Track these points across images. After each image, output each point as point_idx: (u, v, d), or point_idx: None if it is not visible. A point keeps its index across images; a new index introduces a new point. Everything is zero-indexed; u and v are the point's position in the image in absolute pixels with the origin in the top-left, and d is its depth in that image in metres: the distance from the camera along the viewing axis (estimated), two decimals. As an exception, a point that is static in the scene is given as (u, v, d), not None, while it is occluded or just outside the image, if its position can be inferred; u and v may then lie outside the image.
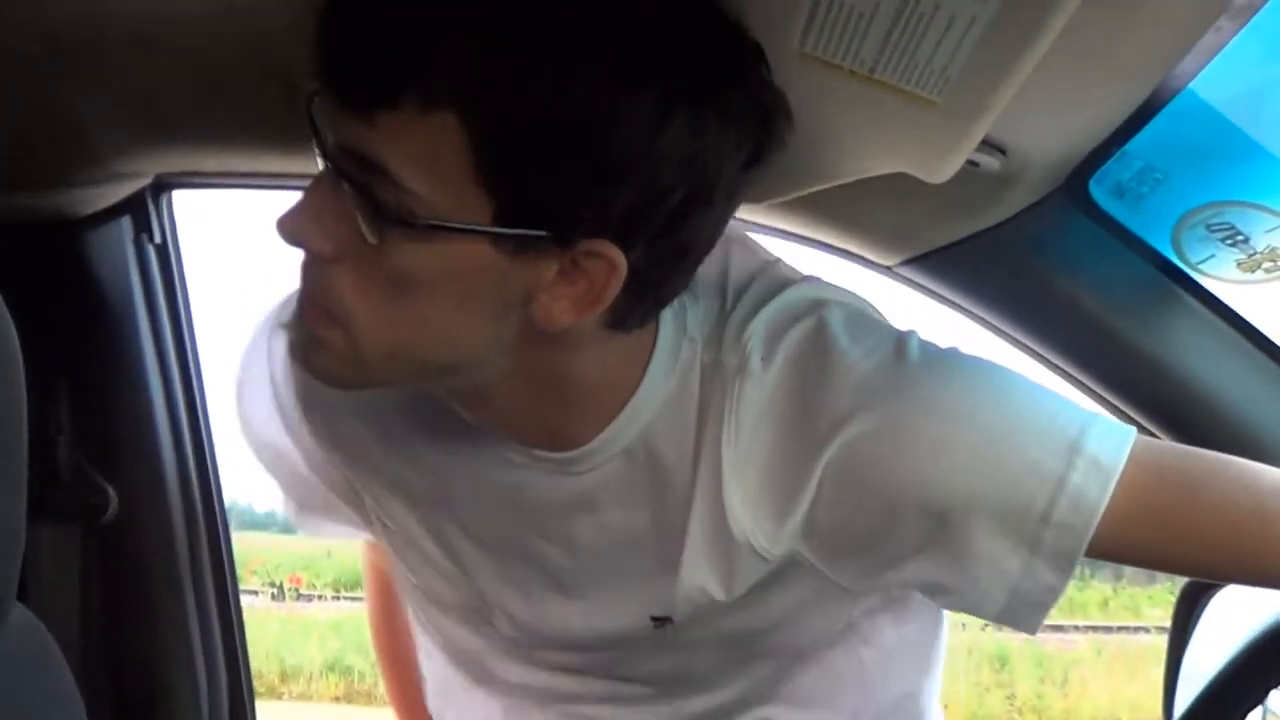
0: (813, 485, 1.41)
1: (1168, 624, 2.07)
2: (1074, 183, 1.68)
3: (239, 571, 2.44)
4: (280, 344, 1.69)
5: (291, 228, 1.26)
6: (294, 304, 1.43)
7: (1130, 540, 1.39)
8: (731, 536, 1.47)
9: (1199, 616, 1.95)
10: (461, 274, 1.25)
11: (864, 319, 1.49)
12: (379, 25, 1.16)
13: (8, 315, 1.13)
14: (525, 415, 1.46)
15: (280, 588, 17.70)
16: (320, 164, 1.27)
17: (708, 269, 1.44)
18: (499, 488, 1.57)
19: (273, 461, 1.90)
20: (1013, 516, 1.38)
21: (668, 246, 1.27)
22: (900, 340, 1.45)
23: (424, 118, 1.16)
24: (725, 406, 1.44)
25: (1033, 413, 1.41)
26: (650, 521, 1.52)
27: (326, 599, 17.86)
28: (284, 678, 14.87)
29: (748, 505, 1.45)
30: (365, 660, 14.23)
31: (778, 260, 1.57)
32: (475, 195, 1.19)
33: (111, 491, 2.22)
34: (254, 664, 2.47)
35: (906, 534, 1.42)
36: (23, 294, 1.21)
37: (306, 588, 18.26)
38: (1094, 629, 16.77)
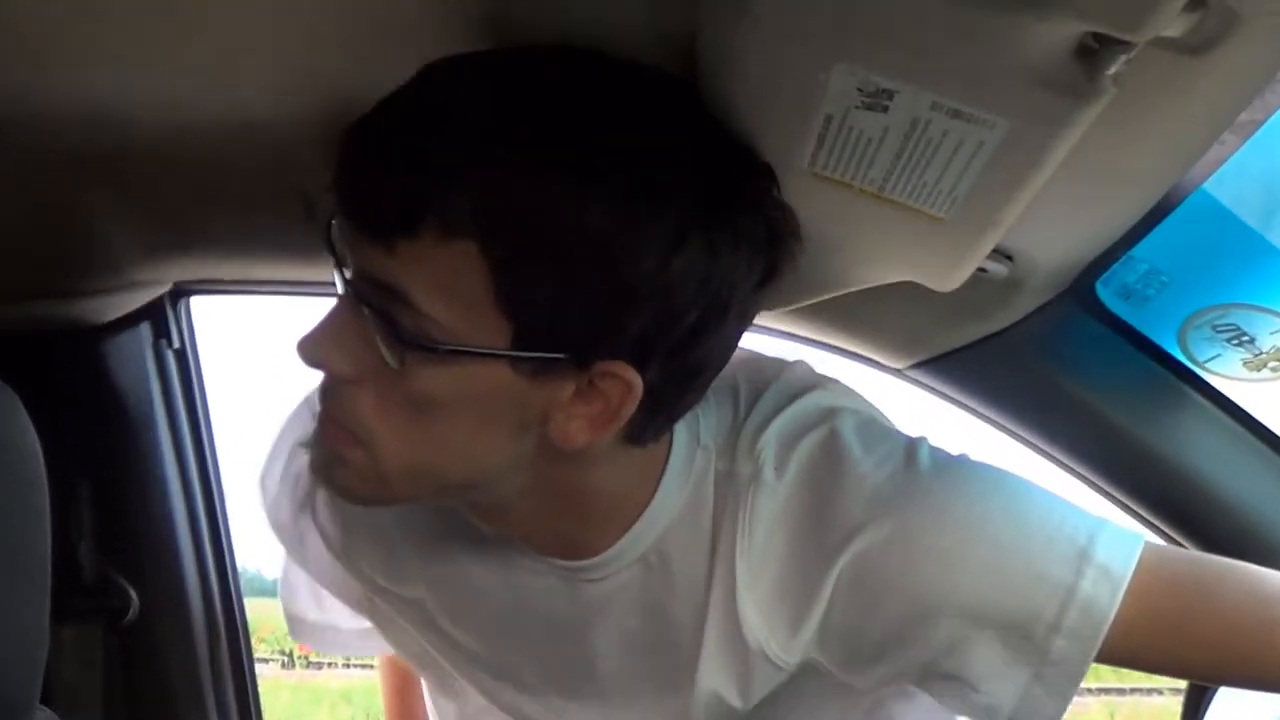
0: (826, 594, 1.42)
1: (1182, 685, 2.07)
2: (1081, 285, 1.69)
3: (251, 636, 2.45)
4: (300, 452, 1.70)
5: (312, 350, 1.27)
6: (313, 409, 1.45)
7: (1136, 645, 1.39)
8: (746, 645, 1.48)
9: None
10: (481, 396, 1.26)
11: (875, 427, 1.50)
12: (397, 156, 1.18)
13: (29, 422, 1.15)
14: (542, 527, 1.47)
15: (290, 655, 17.51)
16: (339, 286, 1.28)
17: (721, 377, 1.45)
18: (516, 596, 1.58)
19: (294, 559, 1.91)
20: (1023, 625, 1.38)
21: (682, 365, 1.28)
22: (911, 448, 1.46)
23: (444, 245, 1.17)
24: (739, 516, 1.45)
25: (1042, 521, 1.41)
26: (666, 630, 1.52)
27: (337, 666, 17.68)
28: (295, 746, 14.78)
29: (761, 614, 1.46)
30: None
31: (790, 366, 1.57)
32: (494, 319, 1.20)
33: (133, 593, 2.23)
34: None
35: (919, 641, 1.42)
36: (45, 400, 1.24)
37: (317, 655, 18.10)
38: (1106, 691, 16.60)
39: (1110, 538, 1.40)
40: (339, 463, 1.34)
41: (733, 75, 1.13)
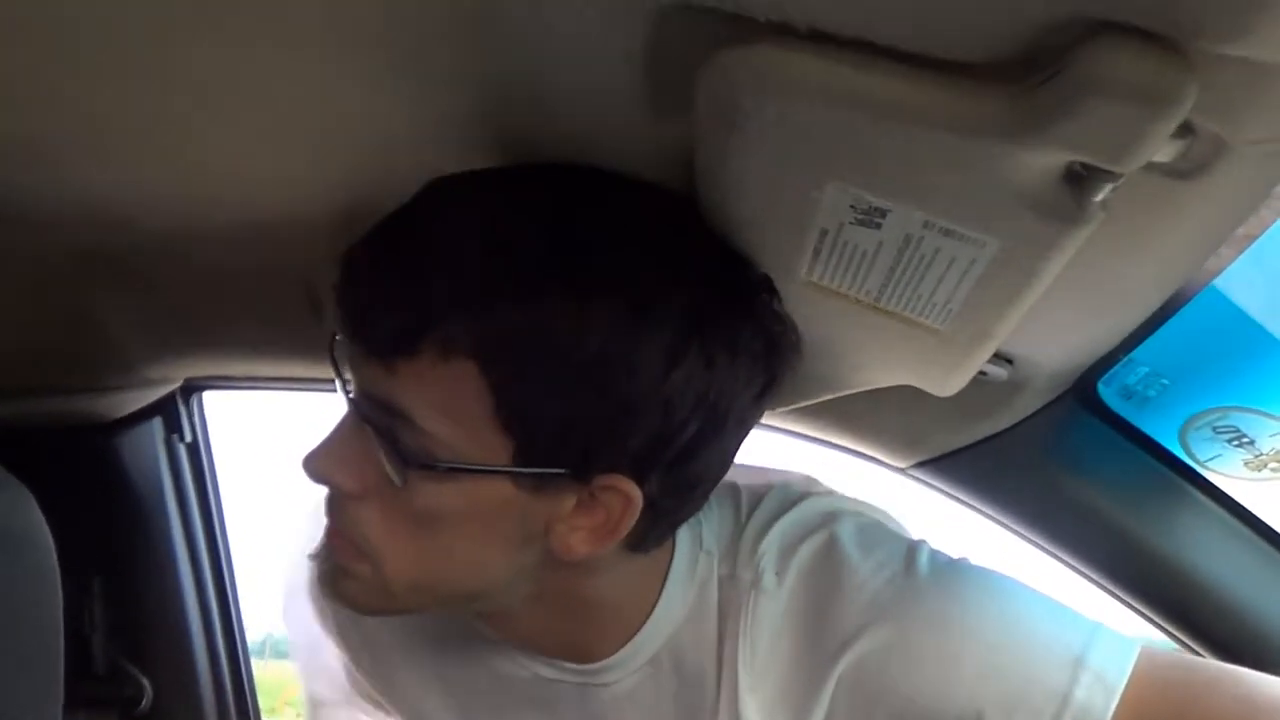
0: (826, 698, 1.43)
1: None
2: (1082, 386, 1.70)
3: (272, 703, 2.46)
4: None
5: (317, 467, 1.28)
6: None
7: None
8: None
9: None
10: (484, 511, 1.27)
11: (875, 531, 1.50)
12: (396, 280, 1.19)
13: (42, 516, 1.16)
14: (548, 632, 1.47)
15: None
16: (343, 401, 1.29)
17: (722, 481, 1.47)
18: (526, 702, 1.58)
19: (311, 665, 1.90)
20: None
21: (682, 477, 1.28)
22: (910, 553, 1.46)
23: (443, 365, 1.18)
24: (741, 622, 1.45)
25: (1038, 627, 1.42)
26: None
27: (363, 731, 17.52)
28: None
29: (763, 717, 1.46)
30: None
31: (789, 471, 1.59)
32: (495, 436, 1.21)
33: (146, 683, 2.24)
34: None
35: None
36: (57, 494, 1.25)
37: (343, 720, 17.90)
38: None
39: (1106, 645, 1.40)
40: (345, 576, 1.34)
41: (729, 189, 1.14)
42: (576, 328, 1.17)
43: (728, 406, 1.26)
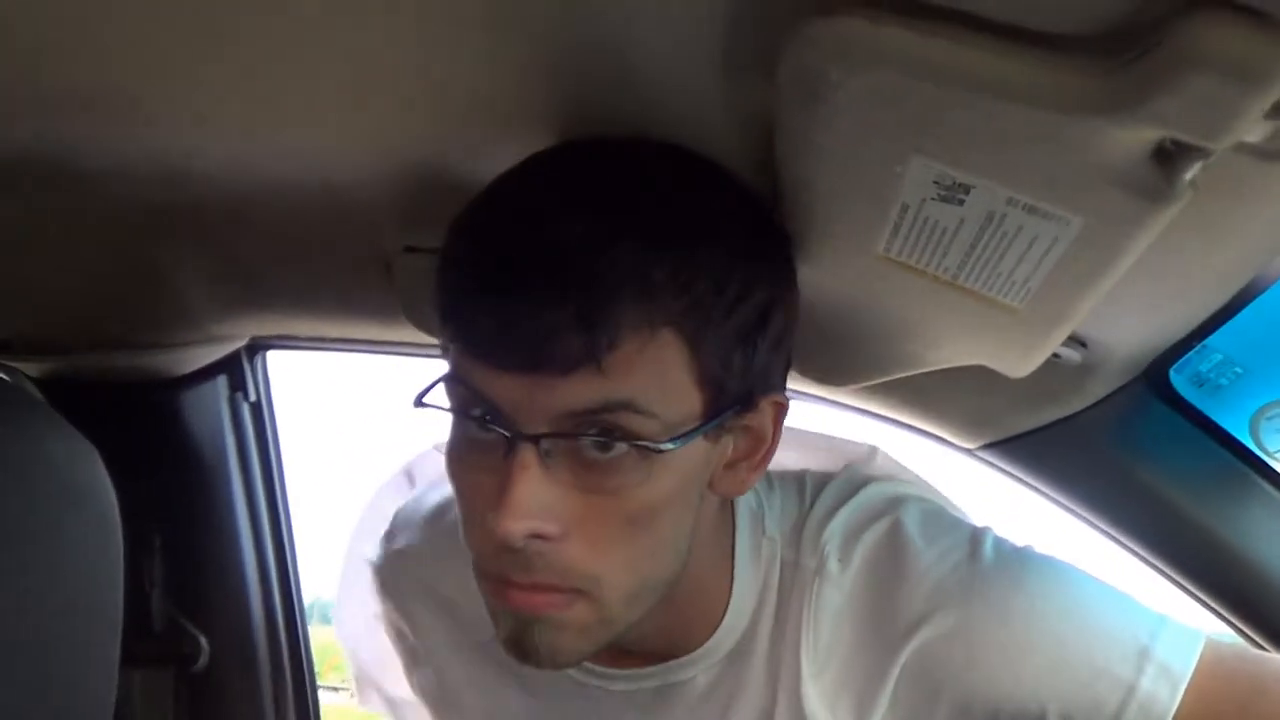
0: (889, 686, 1.43)
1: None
2: (1154, 372, 1.68)
3: (319, 668, 2.46)
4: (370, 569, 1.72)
5: (523, 526, 1.19)
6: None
7: None
8: None
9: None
10: (685, 481, 1.26)
11: (940, 517, 1.50)
12: (575, 284, 1.15)
13: (105, 473, 1.16)
14: (653, 624, 1.41)
15: None
16: (505, 448, 1.21)
17: (787, 468, 1.48)
18: (585, 698, 1.58)
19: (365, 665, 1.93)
20: (1083, 717, 1.38)
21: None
22: (975, 540, 1.46)
23: (651, 342, 1.16)
24: (804, 608, 1.46)
25: (1104, 617, 1.42)
26: None
27: (409, 699, 17.51)
28: (362, 778, 14.61)
29: (826, 705, 1.46)
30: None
31: (856, 456, 1.60)
32: (693, 398, 1.21)
33: (203, 641, 2.25)
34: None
35: None
36: (122, 450, 1.25)
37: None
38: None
39: (1171, 635, 1.40)
40: (553, 629, 1.27)
41: (810, 161, 1.13)
42: (745, 277, 1.20)
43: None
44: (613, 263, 1.14)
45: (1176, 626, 1.42)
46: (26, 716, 1.07)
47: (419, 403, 1.27)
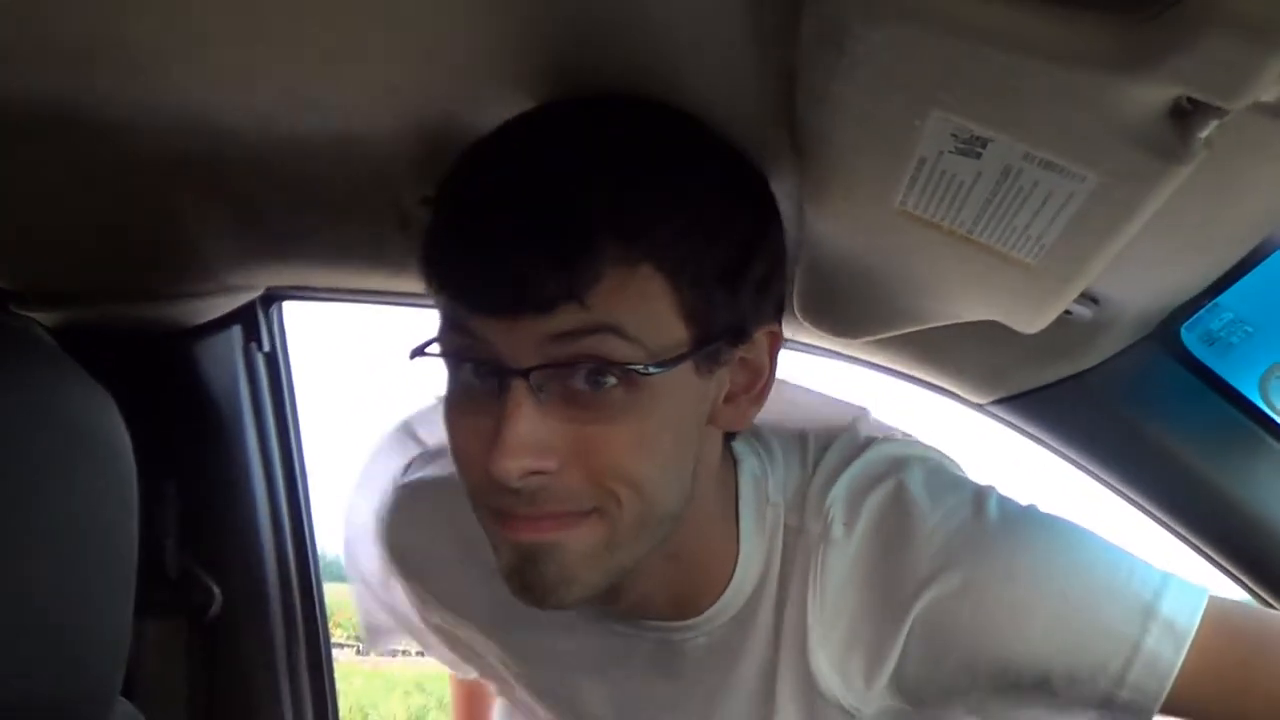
0: (899, 646, 1.44)
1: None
2: (1165, 329, 1.69)
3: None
4: (375, 505, 1.74)
5: (519, 465, 1.22)
6: (405, 447, 1.50)
7: (1199, 699, 1.40)
8: (821, 697, 1.49)
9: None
10: (680, 410, 1.28)
11: (943, 477, 1.51)
12: (557, 223, 1.19)
13: (121, 421, 1.17)
14: (662, 586, 1.47)
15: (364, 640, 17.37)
16: (485, 389, 1.26)
17: (789, 430, 1.51)
18: (597, 659, 1.60)
19: (372, 598, 1.92)
20: (1087, 675, 1.40)
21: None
22: (979, 499, 1.47)
23: (632, 275, 1.19)
24: (810, 573, 1.47)
25: (1109, 575, 1.43)
26: (744, 684, 1.54)
27: (411, 654, 17.51)
28: (366, 733, 14.68)
29: (834, 667, 1.47)
30: (448, 717, 14.04)
31: (856, 418, 1.59)
32: (678, 329, 1.24)
33: (216, 590, 2.26)
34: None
35: (987, 688, 1.44)
36: (136, 398, 1.25)
37: (391, 643, 17.86)
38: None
39: (1175, 593, 1.41)
40: (560, 554, 1.28)
41: (830, 114, 1.14)
42: (724, 213, 1.26)
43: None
44: (589, 201, 1.18)
45: (1180, 584, 1.43)
46: (41, 665, 1.08)
47: (417, 353, 1.30)
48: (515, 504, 1.26)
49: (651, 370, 1.21)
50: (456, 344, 1.27)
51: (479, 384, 1.26)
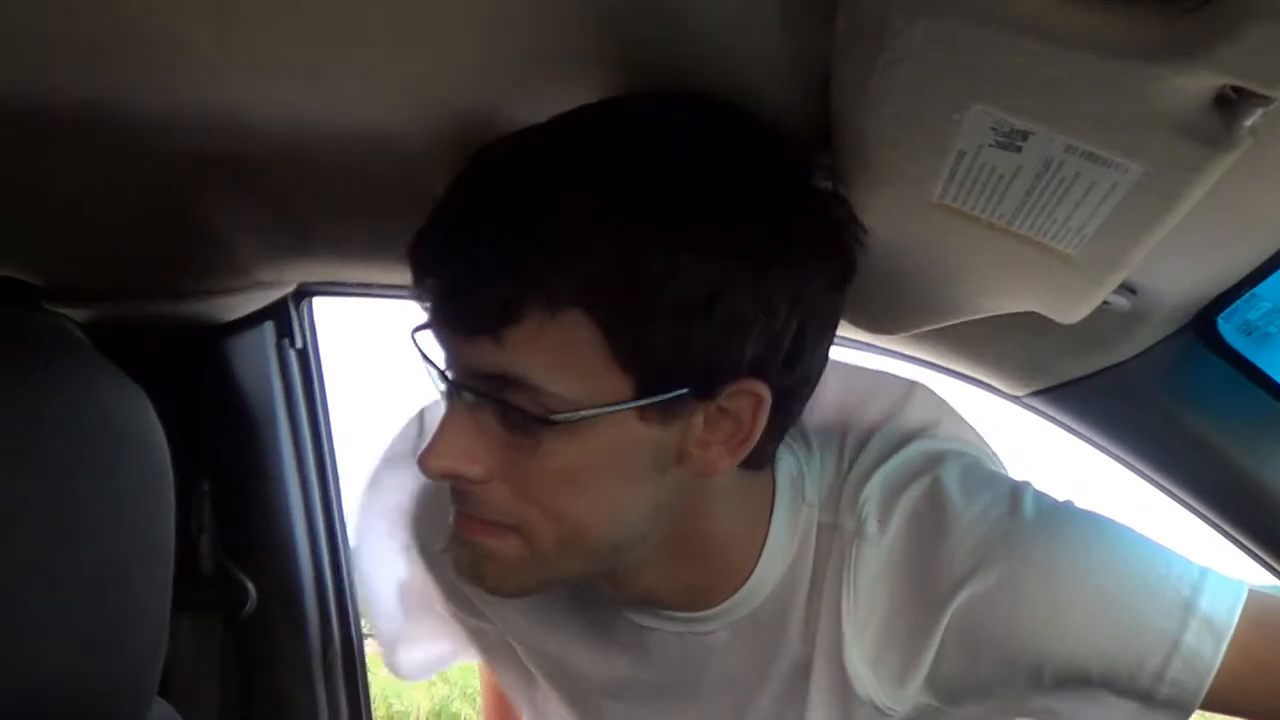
0: (934, 645, 1.44)
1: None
2: (1202, 320, 1.68)
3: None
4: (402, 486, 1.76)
5: (439, 465, 1.29)
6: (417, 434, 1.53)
7: (1239, 694, 1.40)
8: (855, 696, 1.49)
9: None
10: (618, 453, 1.28)
11: (979, 472, 1.50)
12: (484, 252, 1.21)
13: (156, 419, 1.17)
14: (669, 579, 1.48)
15: None
16: (441, 391, 1.33)
17: (828, 426, 1.51)
18: (621, 645, 1.61)
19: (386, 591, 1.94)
20: (1127, 672, 1.39)
21: (796, 375, 1.31)
22: (1015, 495, 1.46)
23: (551, 322, 1.20)
24: (844, 570, 1.47)
25: (1146, 571, 1.42)
26: (772, 683, 1.54)
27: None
28: (390, 724, 14.67)
29: (868, 665, 1.47)
30: (472, 708, 14.02)
31: (896, 411, 1.58)
32: (614, 376, 1.23)
33: (250, 587, 2.26)
34: (360, 710, 2.49)
35: (1025, 685, 1.43)
36: (170, 396, 1.26)
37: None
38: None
39: (1214, 588, 1.40)
40: (490, 558, 1.35)
41: (867, 108, 1.13)
42: (668, 261, 1.19)
43: (817, 301, 1.30)
44: (522, 245, 1.19)
45: (1219, 579, 1.42)
46: (81, 663, 1.09)
47: (416, 354, 1.34)
48: (456, 501, 1.35)
49: (556, 419, 1.24)
50: (431, 345, 1.32)
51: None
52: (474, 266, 1.21)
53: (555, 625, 1.65)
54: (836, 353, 1.41)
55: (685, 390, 1.25)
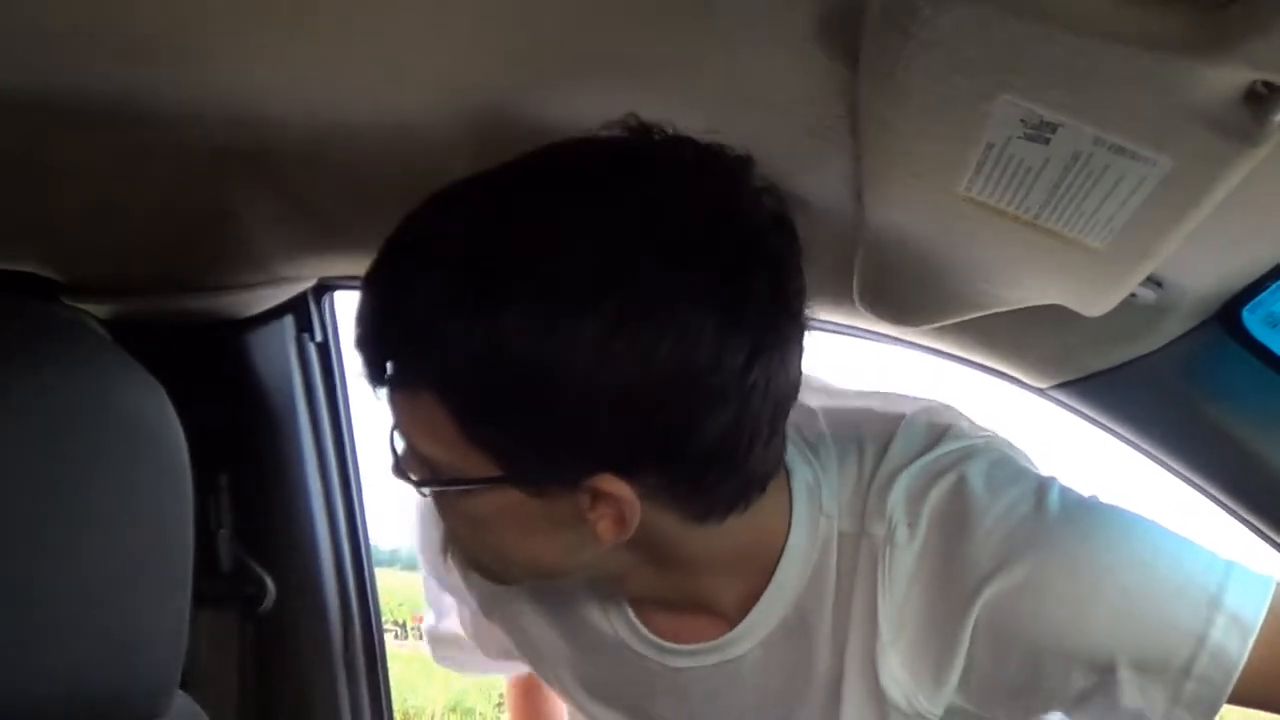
0: (965, 643, 1.43)
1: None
2: (1227, 312, 1.67)
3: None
4: None
5: (395, 473, 1.39)
6: None
7: (1267, 689, 1.39)
8: (890, 702, 1.49)
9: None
10: (508, 512, 1.32)
11: (1003, 468, 1.49)
12: (365, 324, 1.29)
13: (174, 413, 1.17)
14: (667, 588, 1.51)
15: (404, 626, 17.31)
16: None
17: (844, 433, 1.50)
18: (659, 689, 1.62)
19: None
20: (1154, 668, 1.38)
21: (685, 460, 1.27)
22: (1040, 491, 1.45)
23: (413, 398, 1.27)
24: (879, 578, 1.46)
25: (1172, 567, 1.41)
26: (803, 692, 1.54)
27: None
28: (406, 718, 14.66)
29: (907, 669, 1.47)
30: (487, 703, 14.04)
31: (912, 415, 1.55)
32: (477, 455, 1.26)
33: (269, 582, 2.26)
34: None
35: (1053, 682, 1.43)
36: (188, 391, 1.26)
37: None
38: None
39: (1240, 584, 1.40)
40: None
41: (894, 100, 1.12)
42: (518, 361, 1.18)
43: (706, 382, 1.21)
44: (386, 324, 1.26)
45: (1245, 574, 1.42)
46: (102, 657, 1.09)
47: None
48: None
49: (424, 492, 1.34)
50: None
51: None
52: (361, 327, 1.29)
53: (593, 679, 1.70)
54: (856, 350, 1.39)
55: (547, 479, 1.28)
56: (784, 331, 1.27)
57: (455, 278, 1.20)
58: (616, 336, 1.17)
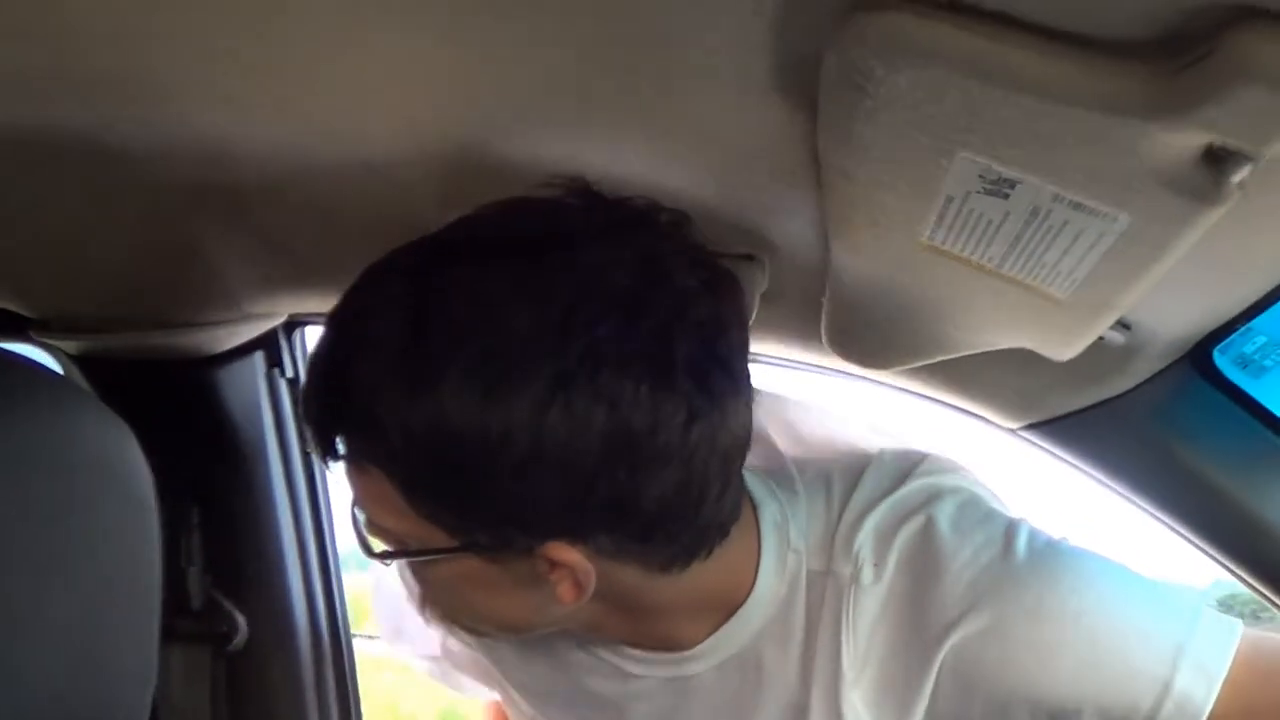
0: (929, 685, 1.43)
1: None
2: (1198, 353, 1.67)
3: (352, 614, 2.46)
4: None
5: (361, 546, 1.39)
6: None
7: None
8: None
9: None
10: (471, 578, 1.33)
11: (972, 511, 1.49)
12: (309, 400, 1.29)
13: (140, 453, 1.16)
14: (635, 633, 1.52)
15: None
16: None
17: (816, 471, 1.50)
18: (613, 695, 1.62)
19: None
20: (1119, 716, 1.39)
21: (633, 521, 1.26)
22: (1009, 534, 1.45)
23: (364, 472, 1.28)
24: (842, 616, 1.46)
25: (1138, 613, 1.42)
26: None
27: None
28: (398, 724, 14.68)
29: (868, 707, 1.47)
30: (478, 712, 14.04)
31: (883, 449, 1.56)
32: (426, 528, 1.27)
33: (240, 619, 2.25)
34: (366, 713, 2.51)
35: None
36: (157, 428, 1.26)
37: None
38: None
39: (1207, 631, 1.40)
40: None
41: (852, 153, 1.12)
42: (434, 426, 1.18)
43: (645, 445, 1.20)
44: (332, 402, 1.26)
45: (1212, 620, 1.42)
46: (68, 696, 1.08)
47: None
48: None
49: (377, 556, 1.34)
50: None
51: None
52: (306, 405, 1.29)
53: (542, 674, 1.69)
54: (825, 386, 1.39)
55: (499, 547, 1.28)
56: (721, 390, 1.24)
57: (390, 357, 1.19)
58: (550, 405, 1.15)
